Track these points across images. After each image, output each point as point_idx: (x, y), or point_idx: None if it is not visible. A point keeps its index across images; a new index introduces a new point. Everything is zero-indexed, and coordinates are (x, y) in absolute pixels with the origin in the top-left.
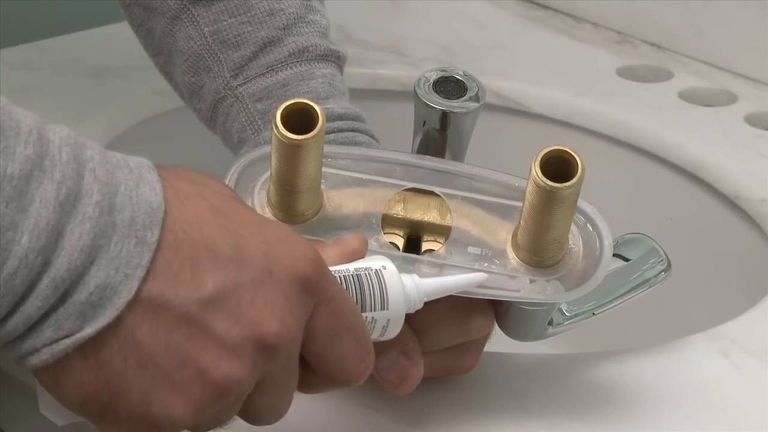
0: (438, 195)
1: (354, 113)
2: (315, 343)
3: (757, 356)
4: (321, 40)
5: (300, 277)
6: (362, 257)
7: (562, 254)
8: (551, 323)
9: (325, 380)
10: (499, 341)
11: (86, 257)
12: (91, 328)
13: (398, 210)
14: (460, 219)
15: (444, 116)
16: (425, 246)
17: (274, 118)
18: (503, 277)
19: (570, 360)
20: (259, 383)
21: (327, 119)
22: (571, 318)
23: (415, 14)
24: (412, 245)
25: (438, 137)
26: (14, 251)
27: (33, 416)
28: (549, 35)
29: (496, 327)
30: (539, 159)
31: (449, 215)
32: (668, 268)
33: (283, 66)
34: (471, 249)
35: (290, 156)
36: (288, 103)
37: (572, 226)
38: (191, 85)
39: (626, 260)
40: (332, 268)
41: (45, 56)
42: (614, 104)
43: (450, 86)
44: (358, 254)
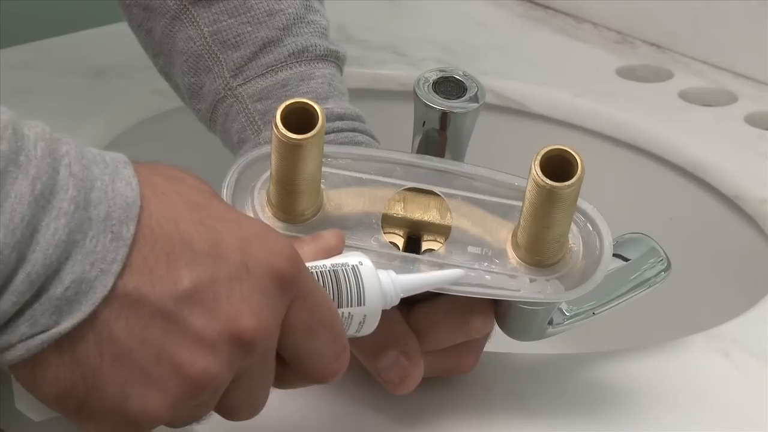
0: (438, 195)
1: (354, 113)
2: (290, 339)
3: (757, 356)
4: (321, 41)
5: (276, 273)
6: (339, 253)
7: (562, 254)
8: (551, 323)
9: (301, 376)
10: (499, 341)
11: (61, 252)
12: (67, 324)
13: (398, 210)
14: (460, 218)
15: (444, 116)
16: (425, 245)
17: (274, 118)
18: (503, 277)
19: (570, 360)
20: (236, 378)
21: (327, 119)
22: (571, 318)
23: (415, 14)
24: (412, 245)
25: (438, 137)
26: None
27: None
28: (549, 35)
29: (496, 327)
30: (539, 158)
31: (449, 215)
32: (668, 268)
33: (283, 66)
34: (471, 248)
35: (290, 156)
36: (288, 103)
37: (572, 226)
38: (191, 86)
39: (626, 260)
40: (309, 264)
41: (45, 56)
42: (614, 104)
43: (450, 86)
44: (335, 250)
